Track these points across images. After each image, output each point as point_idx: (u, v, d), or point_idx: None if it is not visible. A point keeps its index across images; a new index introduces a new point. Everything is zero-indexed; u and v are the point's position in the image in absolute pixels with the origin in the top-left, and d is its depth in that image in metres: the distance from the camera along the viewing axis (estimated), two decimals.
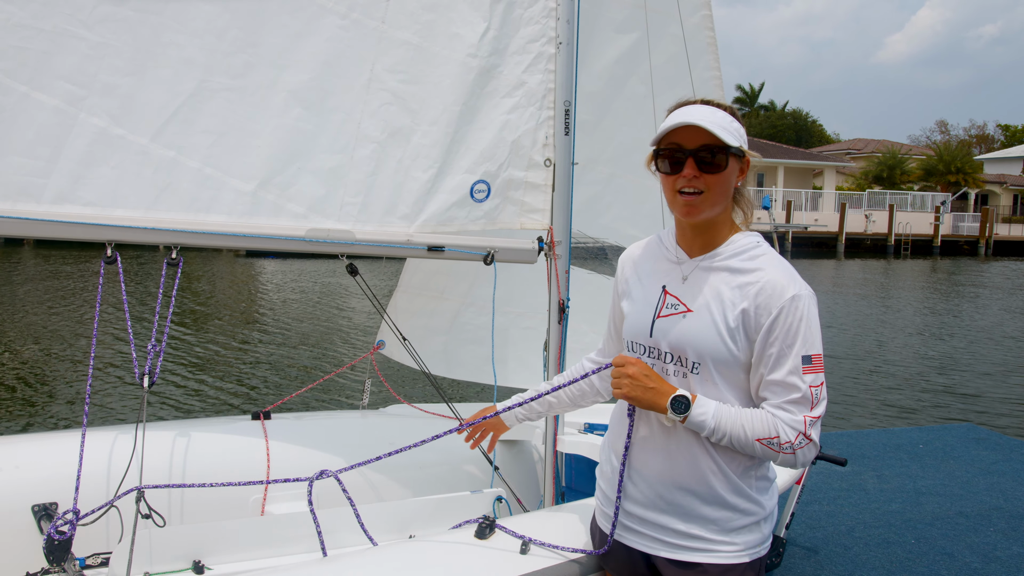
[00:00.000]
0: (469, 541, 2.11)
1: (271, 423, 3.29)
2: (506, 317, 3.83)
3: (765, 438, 1.69)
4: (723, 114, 1.77)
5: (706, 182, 1.72)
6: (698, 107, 1.77)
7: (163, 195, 2.56)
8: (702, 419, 1.71)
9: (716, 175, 1.73)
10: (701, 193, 1.73)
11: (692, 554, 1.81)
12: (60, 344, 10.81)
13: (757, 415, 1.71)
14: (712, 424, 1.71)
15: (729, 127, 1.74)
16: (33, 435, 3.33)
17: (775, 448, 1.70)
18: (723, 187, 1.76)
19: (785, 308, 1.69)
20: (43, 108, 2.39)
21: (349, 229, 2.77)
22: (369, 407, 3.96)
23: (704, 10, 3.83)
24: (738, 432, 1.70)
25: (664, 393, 1.73)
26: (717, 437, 1.72)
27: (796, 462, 1.73)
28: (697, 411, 1.70)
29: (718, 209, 1.78)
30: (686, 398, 1.71)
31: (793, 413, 1.69)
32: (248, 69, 2.64)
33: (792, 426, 1.69)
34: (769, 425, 1.70)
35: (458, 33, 2.86)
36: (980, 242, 41.74)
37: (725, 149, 1.72)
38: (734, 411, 1.72)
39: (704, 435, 1.74)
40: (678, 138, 1.73)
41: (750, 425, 1.70)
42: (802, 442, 1.70)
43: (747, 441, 1.71)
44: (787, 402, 1.70)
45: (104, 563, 2.68)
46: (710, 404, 1.72)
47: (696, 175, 1.72)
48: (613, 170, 3.81)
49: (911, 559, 4.29)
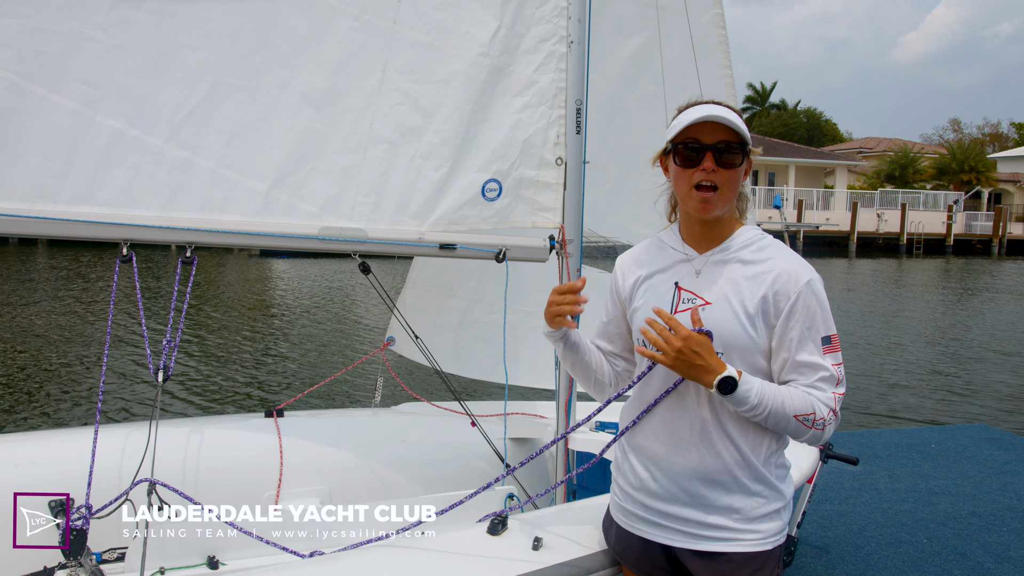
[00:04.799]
0: (482, 537, 2.13)
1: (284, 420, 3.32)
2: (516, 315, 3.84)
3: (802, 414, 1.74)
4: (735, 114, 1.81)
5: (722, 177, 1.77)
6: (714, 105, 1.81)
7: (178, 195, 2.59)
8: (746, 395, 1.72)
9: (732, 171, 1.78)
10: (716, 189, 1.77)
11: (717, 544, 1.83)
12: (77, 342, 10.90)
13: (795, 392, 1.76)
14: (755, 400, 1.73)
15: (743, 125, 1.79)
16: (50, 431, 3.37)
17: (808, 424, 1.75)
18: (736, 183, 1.81)
19: (803, 292, 1.76)
20: (60, 110, 2.43)
21: (361, 228, 2.80)
22: (381, 404, 3.98)
23: (716, 8, 3.84)
24: (778, 408, 1.74)
25: (713, 371, 1.71)
26: (756, 413, 1.74)
27: (821, 438, 1.79)
28: (743, 388, 1.72)
29: (730, 205, 1.84)
30: (734, 379, 1.71)
31: (825, 391, 1.76)
32: (261, 70, 2.67)
33: (825, 403, 1.76)
34: (807, 402, 1.75)
35: (469, 32, 2.87)
36: (993, 241, 41.41)
37: (743, 145, 1.77)
38: (775, 388, 1.76)
39: (743, 410, 1.75)
40: (696, 133, 1.77)
41: (789, 402, 1.74)
42: (831, 418, 1.77)
43: (785, 417, 1.74)
44: (816, 380, 1.76)
45: (120, 558, 2.72)
46: (755, 381, 1.74)
47: (714, 169, 1.76)
48: (625, 169, 3.82)
49: (923, 559, 4.27)
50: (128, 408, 7.64)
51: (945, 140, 61.09)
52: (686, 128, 1.77)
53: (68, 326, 12.20)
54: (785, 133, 54.23)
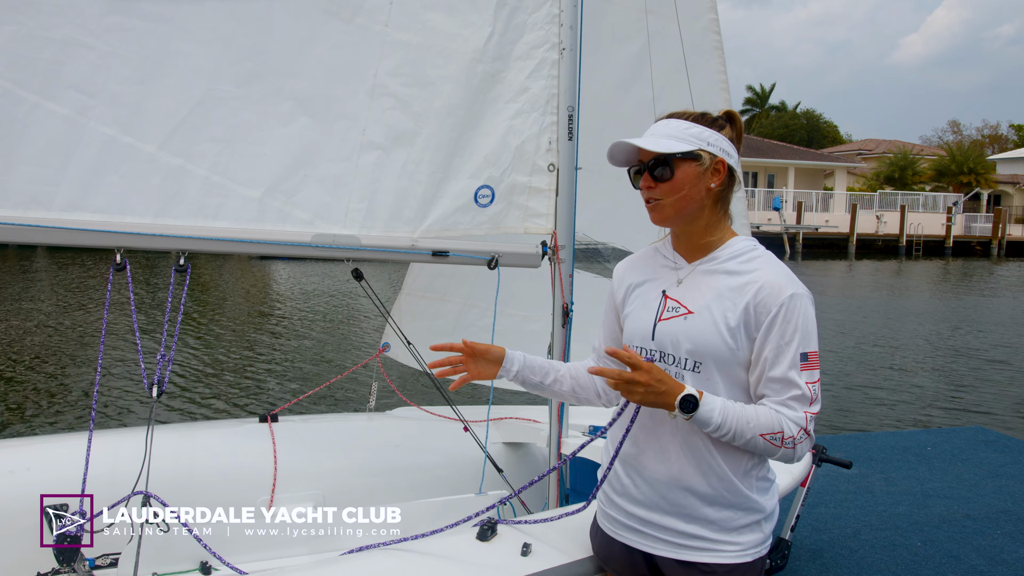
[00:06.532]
0: (471, 542, 2.14)
1: (278, 425, 3.33)
2: (510, 320, 3.85)
3: (769, 433, 1.73)
4: (677, 123, 1.83)
5: (661, 191, 1.83)
6: (658, 123, 1.87)
7: (171, 202, 2.59)
8: (708, 416, 1.73)
9: (668, 183, 1.82)
10: (659, 199, 1.84)
11: (695, 553, 1.83)
12: (73, 348, 10.91)
13: (762, 411, 1.74)
14: (718, 420, 1.73)
15: (681, 134, 1.80)
16: (45, 437, 3.38)
17: (777, 443, 1.73)
18: (679, 191, 1.82)
19: (784, 306, 1.74)
20: (53, 117, 2.43)
21: (354, 234, 2.80)
22: (377, 409, 3.99)
23: (710, 13, 3.85)
24: (743, 428, 1.73)
25: (673, 394, 1.73)
26: (721, 433, 1.74)
27: (794, 457, 1.77)
28: (704, 409, 1.72)
29: (687, 211, 1.85)
30: (694, 397, 1.72)
31: (795, 410, 1.74)
32: (254, 77, 2.67)
33: (795, 422, 1.73)
34: (774, 421, 1.73)
35: (462, 38, 2.88)
36: (992, 243, 41.40)
37: (666, 159, 1.81)
38: (739, 407, 1.75)
39: (708, 431, 1.75)
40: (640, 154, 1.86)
41: (755, 421, 1.73)
42: (802, 437, 1.74)
43: (751, 436, 1.73)
44: (788, 399, 1.74)
45: (113, 564, 2.73)
46: (716, 401, 1.74)
47: (651, 185, 1.84)
48: (618, 174, 3.81)
49: (917, 562, 4.28)
50: (123, 414, 7.64)
51: (944, 142, 61.05)
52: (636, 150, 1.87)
53: (65, 332, 12.20)
54: (785, 135, 54.29)
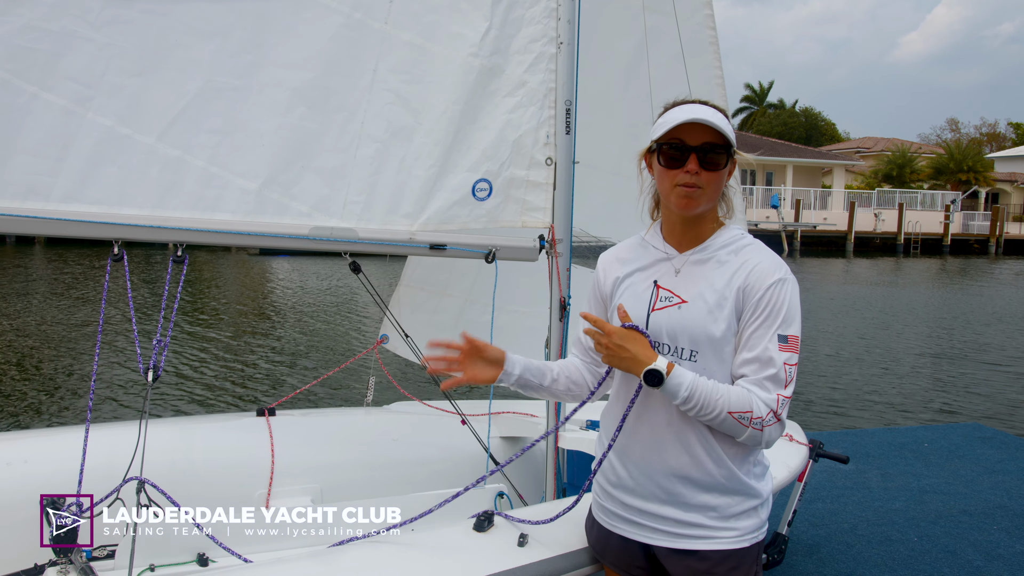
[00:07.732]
0: (467, 534, 2.14)
1: (276, 419, 3.33)
2: (510, 316, 3.85)
3: (738, 411, 1.72)
4: (721, 115, 1.81)
5: (705, 178, 1.78)
6: (699, 106, 1.81)
7: (169, 194, 2.60)
8: (676, 389, 1.73)
9: (715, 172, 1.79)
10: (699, 188, 1.78)
11: (692, 542, 1.84)
12: (70, 340, 10.90)
13: (733, 390, 1.74)
14: (685, 394, 1.73)
15: (729, 126, 1.80)
16: (42, 430, 3.39)
17: (745, 423, 1.72)
18: (719, 184, 1.83)
19: (771, 288, 1.76)
20: (51, 108, 2.43)
21: (352, 227, 2.81)
22: (375, 403, 3.99)
23: (706, 9, 3.86)
24: (711, 402, 1.72)
25: (640, 362, 1.75)
26: (688, 407, 1.74)
27: (762, 440, 1.76)
28: (672, 382, 1.72)
29: (712, 204, 1.86)
30: (659, 372, 1.72)
31: (768, 390, 1.74)
32: (253, 69, 2.67)
33: (766, 403, 1.73)
34: (744, 400, 1.73)
35: (460, 33, 2.88)
36: (990, 241, 41.51)
37: (727, 148, 1.78)
38: (711, 384, 1.74)
39: (677, 403, 1.75)
40: (681, 134, 1.78)
41: (724, 398, 1.72)
42: (771, 420, 1.74)
43: (719, 412, 1.72)
44: (763, 378, 1.74)
45: (110, 555, 2.72)
46: (687, 375, 1.74)
47: (697, 171, 1.77)
48: (616, 169, 3.82)
49: (914, 557, 4.30)
50: (120, 407, 7.65)
51: (943, 140, 61.18)
52: (671, 129, 1.77)
53: (62, 324, 12.19)
54: (783, 133, 54.27)
